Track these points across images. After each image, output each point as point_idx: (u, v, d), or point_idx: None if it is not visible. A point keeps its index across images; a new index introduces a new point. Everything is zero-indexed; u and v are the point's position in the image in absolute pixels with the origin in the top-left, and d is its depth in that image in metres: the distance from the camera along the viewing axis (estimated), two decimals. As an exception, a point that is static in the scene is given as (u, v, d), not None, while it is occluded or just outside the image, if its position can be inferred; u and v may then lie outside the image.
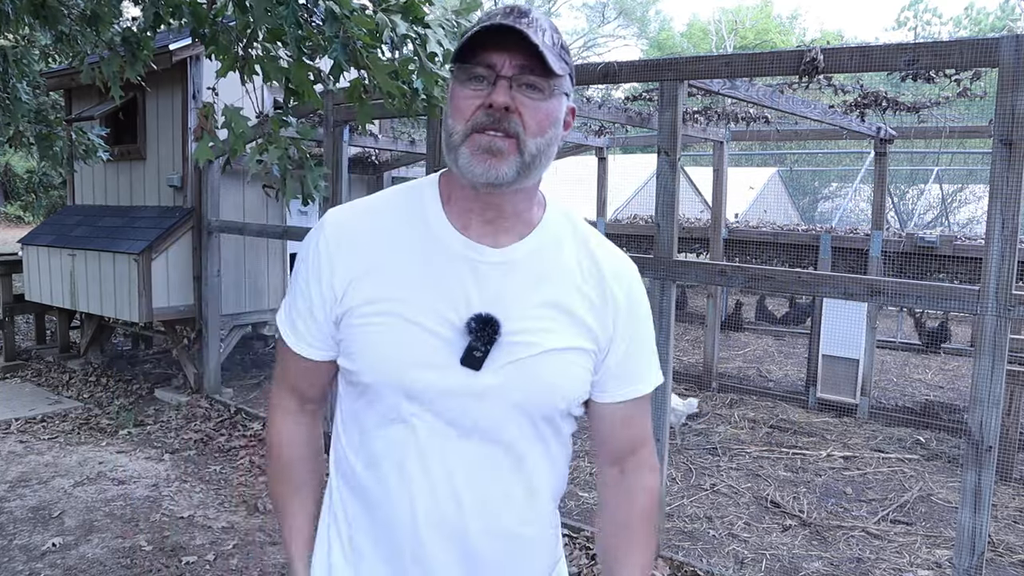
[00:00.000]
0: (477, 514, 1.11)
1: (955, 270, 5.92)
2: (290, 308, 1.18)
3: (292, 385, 1.22)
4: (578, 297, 1.12)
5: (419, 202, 1.13)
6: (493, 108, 1.01)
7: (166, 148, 6.21)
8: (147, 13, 2.74)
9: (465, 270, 1.08)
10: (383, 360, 1.08)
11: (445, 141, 1.06)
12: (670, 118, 3.41)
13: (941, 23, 25.41)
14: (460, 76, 1.04)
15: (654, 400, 3.48)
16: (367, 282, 1.09)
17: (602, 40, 34.95)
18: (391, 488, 1.11)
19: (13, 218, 19.83)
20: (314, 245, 1.14)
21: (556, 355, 1.10)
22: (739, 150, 15.79)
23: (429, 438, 1.09)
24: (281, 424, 1.24)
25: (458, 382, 1.07)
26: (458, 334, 1.06)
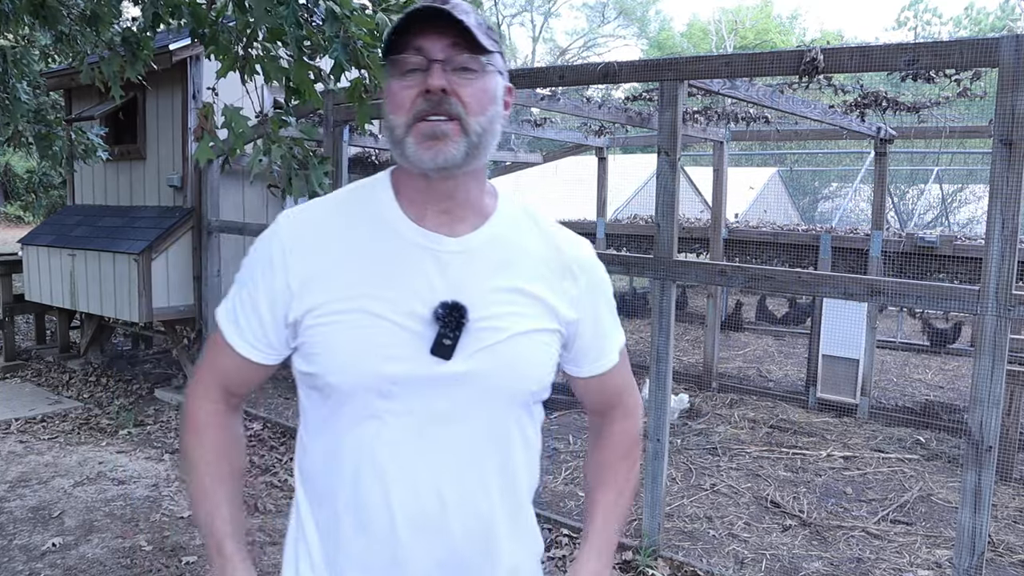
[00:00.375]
0: (459, 509, 1.10)
1: (955, 270, 5.92)
2: (234, 303, 1.15)
3: (220, 379, 1.19)
4: (540, 281, 1.14)
5: (373, 198, 1.13)
6: (431, 93, 1.01)
7: (166, 148, 6.22)
8: (146, 13, 2.74)
9: (426, 260, 1.08)
10: (350, 357, 1.06)
11: (390, 137, 1.06)
12: (670, 118, 3.41)
13: (941, 23, 25.41)
14: (393, 70, 1.05)
15: (653, 400, 3.49)
16: (326, 280, 1.07)
17: (602, 40, 34.94)
18: (368, 491, 1.08)
19: (13, 218, 19.83)
20: (267, 243, 1.12)
21: (525, 338, 1.11)
22: (739, 150, 15.80)
23: (405, 434, 1.07)
24: (207, 414, 1.20)
25: (430, 372, 1.06)
26: (425, 324, 1.05)
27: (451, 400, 1.07)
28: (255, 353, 1.14)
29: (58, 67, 6.49)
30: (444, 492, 1.08)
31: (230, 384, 1.19)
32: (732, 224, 7.82)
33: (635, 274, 4.00)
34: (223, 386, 1.19)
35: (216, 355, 1.18)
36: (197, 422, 1.19)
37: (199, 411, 1.20)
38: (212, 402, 1.20)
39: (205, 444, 1.19)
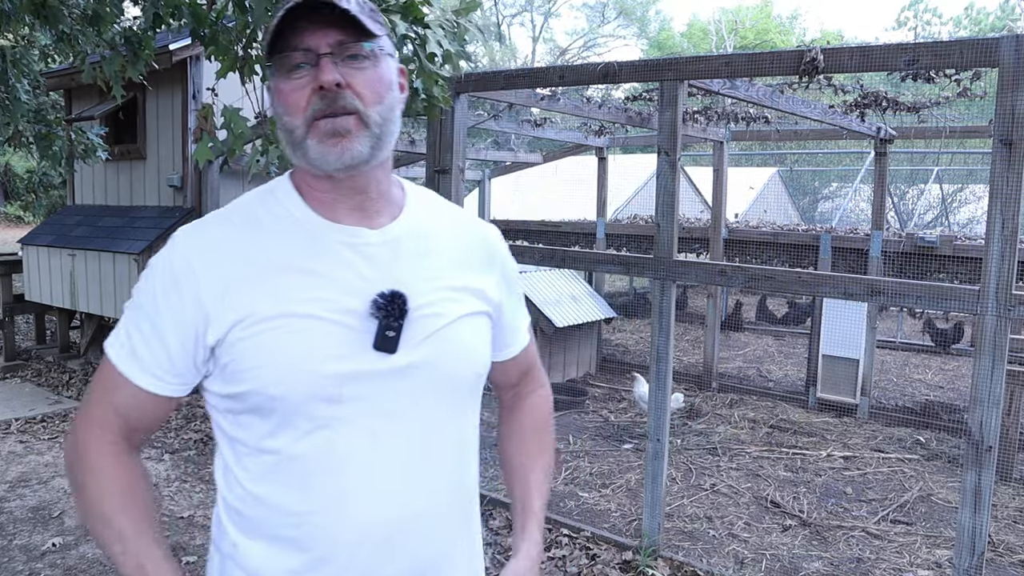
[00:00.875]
0: (424, 513, 1.05)
1: (955, 270, 5.92)
2: (129, 332, 1.03)
3: (117, 416, 1.04)
4: (465, 266, 1.13)
5: (278, 203, 1.06)
6: (325, 90, 0.97)
7: (166, 148, 6.22)
8: (147, 13, 2.74)
9: (351, 255, 1.03)
10: (292, 364, 0.97)
11: (288, 140, 1.02)
12: (670, 118, 3.40)
13: (941, 23, 25.41)
14: (280, 69, 1.00)
15: (653, 400, 3.49)
16: (246, 290, 0.99)
17: (602, 40, 34.94)
18: (326, 512, 1.00)
19: (13, 218, 19.83)
20: (166, 263, 1.01)
21: (465, 322, 1.09)
22: (739, 150, 15.79)
23: (358, 442, 1.00)
24: (103, 452, 1.04)
25: (377, 368, 1.00)
26: (363, 319, 1.00)
27: (402, 396, 1.02)
28: (161, 386, 1.03)
29: (58, 67, 6.49)
30: (408, 499, 1.03)
31: (129, 421, 1.05)
32: (732, 224, 7.82)
33: (635, 274, 4.00)
34: (121, 423, 1.05)
35: (110, 391, 1.04)
36: (91, 462, 1.04)
37: (92, 450, 1.04)
38: (109, 441, 1.05)
39: (105, 484, 1.03)
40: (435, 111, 2.67)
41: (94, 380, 1.08)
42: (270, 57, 1.01)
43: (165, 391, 1.04)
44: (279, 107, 1.01)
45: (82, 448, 1.05)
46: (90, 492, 1.04)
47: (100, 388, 1.06)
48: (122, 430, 1.06)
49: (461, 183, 4.11)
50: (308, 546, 1.01)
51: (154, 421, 1.08)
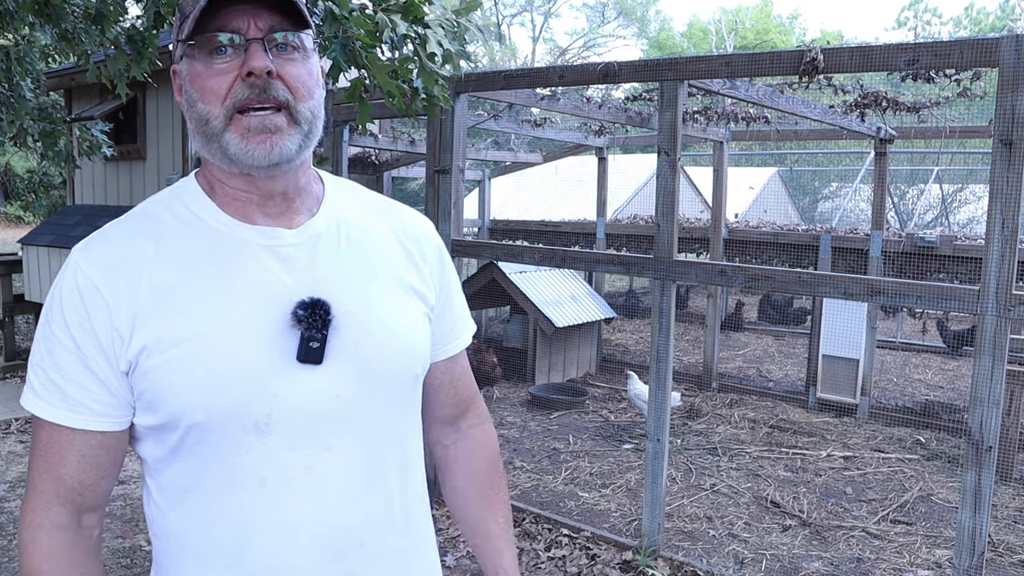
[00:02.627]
0: (372, 541, 0.97)
1: (955, 270, 5.92)
2: (46, 372, 0.91)
3: (65, 488, 0.92)
4: (396, 260, 1.04)
5: (183, 207, 0.96)
6: (254, 76, 0.88)
7: (166, 148, 6.22)
8: (148, 12, 2.74)
9: (267, 259, 0.94)
10: (213, 386, 0.88)
11: (199, 131, 0.92)
12: (670, 118, 3.41)
13: (941, 23, 25.41)
14: (199, 52, 0.90)
15: (653, 400, 3.49)
16: (159, 310, 0.89)
17: (602, 40, 34.94)
18: (261, 559, 0.92)
19: (13, 218, 19.84)
20: (71, 288, 0.90)
21: (397, 322, 1.00)
22: (739, 150, 15.79)
23: (292, 474, 0.91)
24: (48, 546, 0.91)
25: (305, 383, 0.91)
26: (285, 330, 0.91)
27: (335, 414, 0.93)
28: (103, 420, 0.91)
29: (58, 67, 6.49)
30: (348, 531, 0.95)
31: (78, 488, 0.93)
32: (732, 224, 7.82)
33: (635, 274, 4.00)
34: (71, 496, 0.92)
35: (45, 458, 0.92)
36: (37, 569, 0.91)
37: (38, 550, 0.91)
38: (56, 532, 0.91)
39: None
40: (435, 110, 2.67)
41: (30, 457, 0.94)
42: (189, 38, 0.90)
43: (108, 425, 0.92)
44: (192, 93, 0.91)
45: (23, 551, 0.92)
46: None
47: (37, 463, 0.93)
48: (70, 508, 0.93)
49: (461, 183, 4.11)
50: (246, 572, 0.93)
51: (110, 474, 0.95)
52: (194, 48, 0.91)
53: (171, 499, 0.95)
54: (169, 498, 0.95)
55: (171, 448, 0.93)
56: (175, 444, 0.92)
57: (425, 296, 1.06)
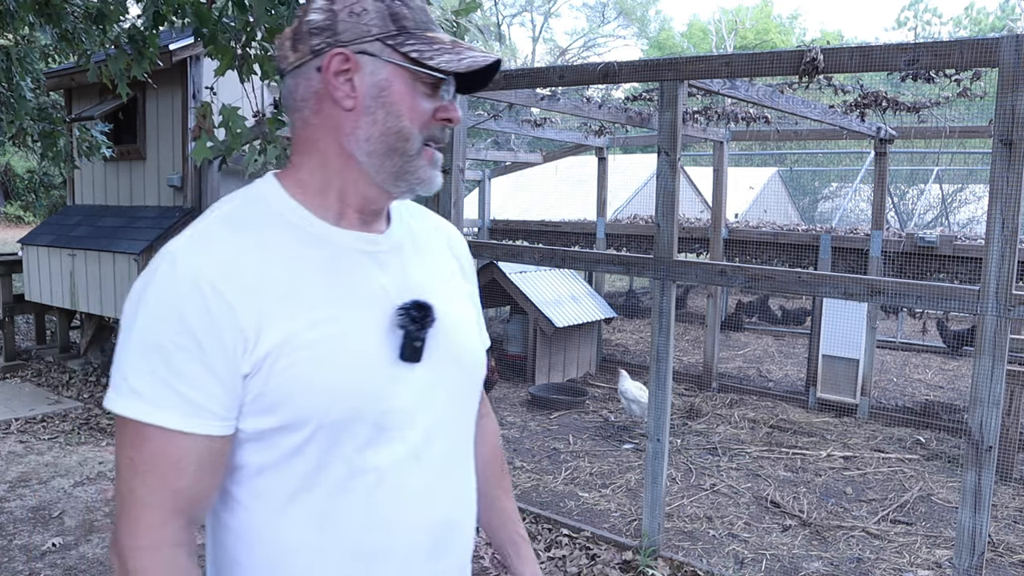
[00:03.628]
0: (461, 521, 1.05)
1: (955, 270, 5.92)
2: (157, 376, 0.86)
3: (181, 501, 0.88)
4: (452, 266, 1.12)
5: (270, 208, 0.96)
6: (452, 123, 0.98)
7: (166, 148, 6.22)
8: (147, 12, 2.74)
9: (366, 262, 0.97)
10: (341, 385, 0.90)
11: (388, 141, 0.94)
12: (670, 118, 3.41)
13: (941, 23, 25.42)
14: (415, 77, 0.94)
15: (653, 400, 3.49)
16: (283, 311, 0.89)
17: (602, 40, 34.95)
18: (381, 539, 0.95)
19: (13, 218, 19.84)
20: (189, 287, 0.87)
21: (469, 324, 1.09)
22: (739, 150, 15.80)
23: (405, 463, 0.96)
24: (173, 567, 0.88)
25: (410, 381, 0.96)
26: (389, 330, 0.95)
27: (432, 408, 0.99)
28: (226, 425, 0.89)
29: (58, 67, 6.49)
30: (450, 512, 1.03)
31: (193, 501, 0.89)
32: (732, 224, 7.82)
33: (635, 274, 4.00)
34: (184, 512, 0.89)
35: (158, 471, 0.87)
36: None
37: (159, 565, 0.87)
38: (176, 551, 0.88)
39: None
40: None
41: (129, 465, 0.87)
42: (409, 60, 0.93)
43: (229, 431, 0.90)
44: (396, 105, 0.94)
45: (136, 565, 0.86)
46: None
47: (145, 477, 0.87)
48: (184, 522, 0.89)
49: (461, 183, 4.11)
50: (363, 566, 0.95)
51: (213, 488, 0.91)
52: (416, 73, 0.94)
53: (276, 503, 0.93)
54: (271, 503, 0.93)
55: (287, 451, 0.91)
56: (296, 446, 0.91)
57: (475, 303, 1.15)
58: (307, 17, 0.94)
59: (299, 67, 0.95)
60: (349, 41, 0.92)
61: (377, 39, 0.93)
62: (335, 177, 0.97)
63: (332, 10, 0.93)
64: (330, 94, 0.94)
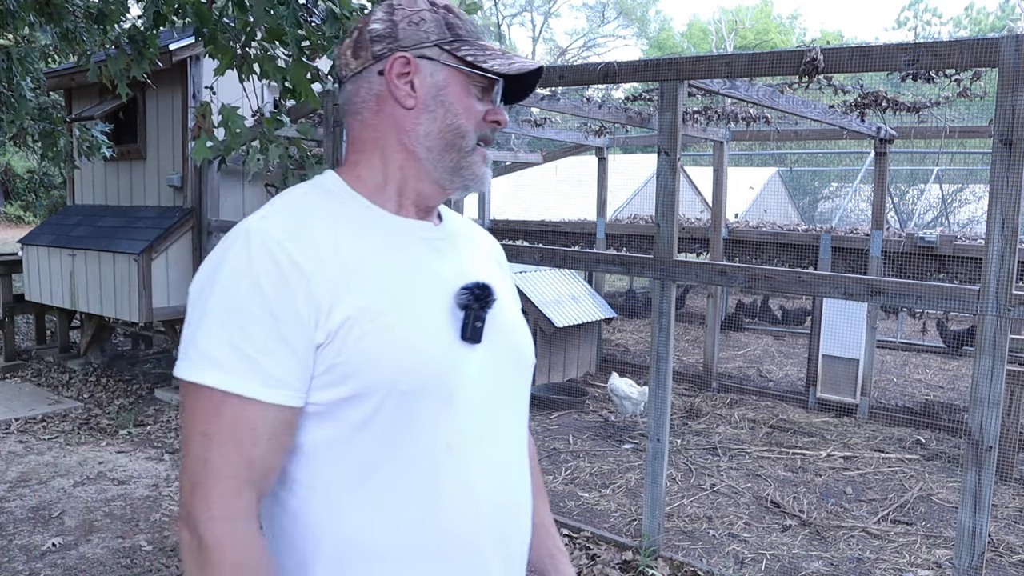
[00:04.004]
0: (522, 506, 1.08)
1: (955, 270, 5.92)
2: (234, 345, 0.87)
3: (255, 472, 0.89)
4: (495, 264, 1.18)
5: (334, 197, 1.02)
6: (500, 125, 1.04)
7: (166, 148, 6.22)
8: (148, 12, 2.74)
9: (424, 248, 1.02)
10: (413, 358, 0.93)
11: (447, 138, 1.01)
12: (670, 118, 3.41)
13: (941, 23, 25.42)
14: (469, 80, 1.02)
15: (653, 400, 3.49)
16: (356, 284, 0.93)
17: (602, 40, 34.94)
18: (448, 513, 0.96)
19: (13, 218, 19.84)
20: (263, 255, 0.89)
21: (518, 314, 1.14)
22: (739, 150, 15.80)
23: (471, 436, 0.98)
24: (249, 536, 0.88)
25: (472, 359, 0.99)
26: (451, 311, 0.99)
27: (493, 385, 1.02)
28: (299, 396, 0.90)
29: (58, 67, 6.49)
30: (513, 491, 1.05)
31: (265, 472, 0.90)
32: (732, 224, 7.82)
33: (635, 274, 4.00)
34: (256, 483, 0.89)
35: (233, 437, 0.87)
36: (246, 563, 0.87)
37: (241, 543, 0.87)
38: (250, 522, 0.89)
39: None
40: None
41: (203, 437, 0.88)
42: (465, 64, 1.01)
43: (301, 402, 0.90)
44: (455, 104, 1.01)
45: (221, 548, 0.86)
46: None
47: (220, 447, 0.87)
48: (256, 495, 0.90)
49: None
50: (432, 547, 0.96)
51: (281, 460, 0.92)
52: (470, 73, 1.01)
53: (341, 483, 0.93)
54: (335, 483, 0.93)
55: (354, 425, 0.92)
56: (363, 419, 0.92)
57: (517, 300, 1.19)
58: (369, 27, 1.01)
59: (360, 72, 1.02)
60: (409, 46, 1.00)
61: (435, 45, 1.00)
62: (395, 172, 1.03)
63: (392, 20, 1.01)
64: (392, 94, 1.00)
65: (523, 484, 1.08)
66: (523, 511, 1.08)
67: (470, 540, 0.98)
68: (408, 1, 1.03)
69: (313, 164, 2.81)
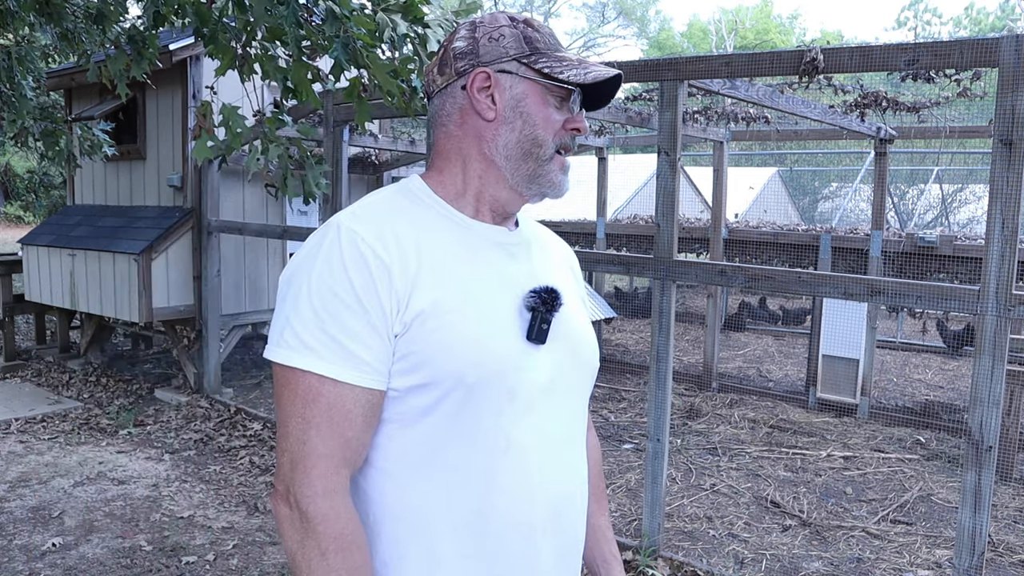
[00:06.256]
0: (576, 496, 1.11)
1: (955, 270, 5.92)
2: (327, 332, 0.95)
3: (350, 450, 0.97)
4: (570, 276, 1.22)
5: (417, 200, 1.08)
6: (580, 132, 1.08)
7: (166, 148, 6.22)
8: (147, 12, 2.74)
9: (498, 252, 1.08)
10: (479, 352, 0.98)
11: (524, 148, 1.06)
12: (670, 118, 3.41)
13: (941, 23, 25.43)
14: (547, 91, 1.06)
15: (653, 400, 3.49)
16: (432, 279, 1.00)
17: (602, 40, 34.94)
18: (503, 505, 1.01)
19: (13, 218, 19.84)
20: (351, 248, 0.97)
21: (586, 320, 1.18)
22: (739, 150, 15.80)
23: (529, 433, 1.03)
24: (348, 511, 0.96)
25: (536, 359, 1.04)
26: (519, 312, 1.05)
27: (554, 386, 1.07)
28: (384, 380, 0.98)
29: (58, 67, 6.49)
30: (566, 486, 1.09)
31: (356, 456, 0.98)
32: (732, 224, 7.82)
33: (635, 274, 4.00)
34: (352, 461, 0.98)
35: (330, 420, 0.95)
36: (345, 533, 0.95)
37: (341, 516, 0.95)
38: (347, 497, 0.97)
39: (361, 559, 0.96)
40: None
41: (302, 420, 0.95)
42: (542, 75, 1.05)
43: (385, 386, 0.98)
44: (533, 115, 1.05)
45: (325, 521, 0.94)
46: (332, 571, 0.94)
47: (319, 427, 0.95)
48: (349, 473, 0.98)
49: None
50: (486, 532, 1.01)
51: (371, 437, 1.00)
52: (547, 87, 1.06)
53: (408, 465, 1.00)
54: (406, 464, 1.00)
55: (420, 409, 0.99)
56: (429, 404, 0.98)
57: (586, 305, 1.24)
58: (452, 44, 1.08)
59: (445, 88, 1.08)
60: (490, 62, 1.05)
61: (514, 59, 1.06)
62: (475, 179, 1.09)
63: (474, 37, 1.07)
64: (473, 107, 1.06)
65: (578, 482, 1.12)
66: (578, 508, 1.12)
67: (523, 529, 1.03)
68: (490, 18, 1.08)
69: (313, 164, 2.81)
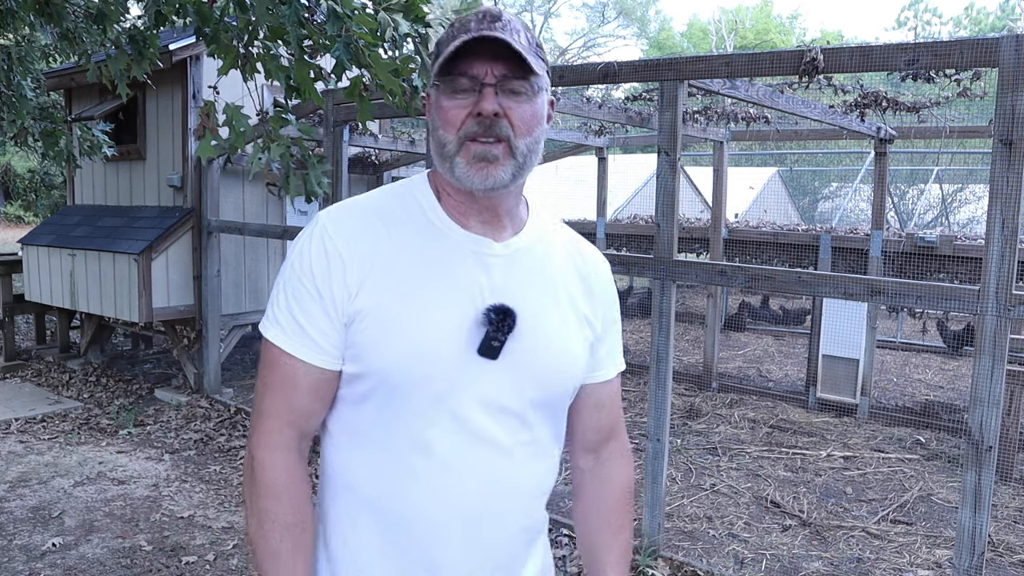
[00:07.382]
0: (501, 512, 1.11)
1: (955, 270, 5.92)
2: (291, 312, 1.08)
3: (292, 417, 1.10)
4: (574, 287, 1.19)
5: (414, 200, 1.14)
6: (483, 116, 1.04)
7: (166, 148, 6.22)
8: (149, 12, 2.74)
9: (472, 262, 1.10)
10: (407, 356, 1.05)
11: (437, 152, 1.08)
12: (670, 118, 3.41)
13: (941, 23, 25.43)
14: (444, 88, 1.06)
15: (653, 400, 3.49)
16: (380, 279, 1.07)
17: (602, 40, 34.94)
18: (419, 506, 1.08)
19: (13, 218, 19.83)
20: (319, 243, 1.08)
21: (564, 342, 1.15)
22: (739, 150, 15.80)
23: (457, 440, 1.07)
24: (286, 471, 1.09)
25: (481, 374, 1.07)
26: (474, 325, 1.07)
27: (499, 402, 1.09)
28: (332, 361, 1.09)
29: (58, 67, 6.49)
30: (495, 500, 1.10)
31: (306, 413, 1.10)
32: (732, 224, 7.82)
33: (635, 274, 4.01)
34: (296, 427, 1.10)
35: (282, 386, 1.09)
36: (275, 483, 1.08)
37: (275, 467, 1.09)
38: (288, 453, 1.09)
39: (284, 508, 1.08)
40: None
41: (263, 383, 1.11)
42: (438, 76, 1.06)
43: (335, 365, 1.09)
44: (436, 120, 1.08)
45: (260, 461, 1.09)
46: (267, 522, 1.08)
47: (274, 385, 1.10)
48: (296, 436, 1.10)
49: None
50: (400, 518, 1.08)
51: (326, 407, 1.12)
52: (440, 85, 1.07)
53: (350, 441, 1.11)
54: (348, 440, 1.11)
55: (357, 397, 1.09)
56: (362, 394, 1.09)
57: (593, 325, 1.21)
58: None
59: None
60: (430, 85, 1.10)
61: (432, 75, 1.09)
62: (439, 180, 1.15)
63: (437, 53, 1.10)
64: None
65: (514, 500, 1.12)
66: (509, 528, 1.13)
67: (432, 527, 1.08)
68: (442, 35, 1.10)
69: (315, 163, 2.81)
